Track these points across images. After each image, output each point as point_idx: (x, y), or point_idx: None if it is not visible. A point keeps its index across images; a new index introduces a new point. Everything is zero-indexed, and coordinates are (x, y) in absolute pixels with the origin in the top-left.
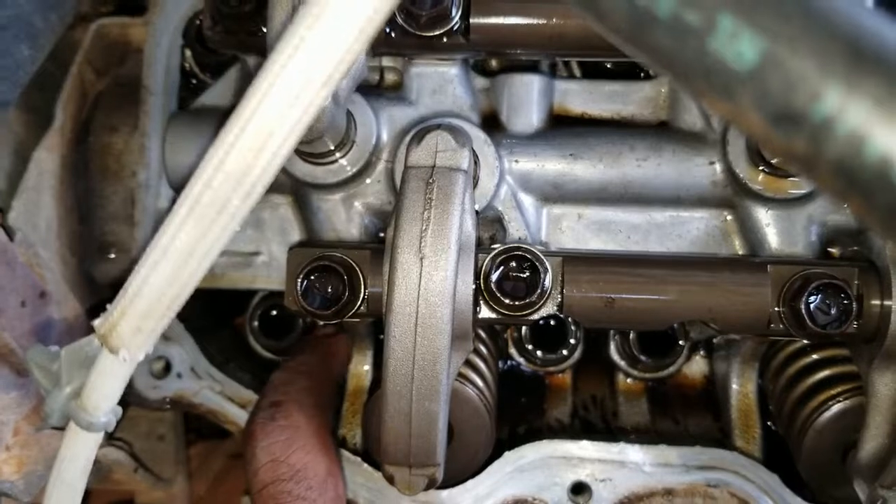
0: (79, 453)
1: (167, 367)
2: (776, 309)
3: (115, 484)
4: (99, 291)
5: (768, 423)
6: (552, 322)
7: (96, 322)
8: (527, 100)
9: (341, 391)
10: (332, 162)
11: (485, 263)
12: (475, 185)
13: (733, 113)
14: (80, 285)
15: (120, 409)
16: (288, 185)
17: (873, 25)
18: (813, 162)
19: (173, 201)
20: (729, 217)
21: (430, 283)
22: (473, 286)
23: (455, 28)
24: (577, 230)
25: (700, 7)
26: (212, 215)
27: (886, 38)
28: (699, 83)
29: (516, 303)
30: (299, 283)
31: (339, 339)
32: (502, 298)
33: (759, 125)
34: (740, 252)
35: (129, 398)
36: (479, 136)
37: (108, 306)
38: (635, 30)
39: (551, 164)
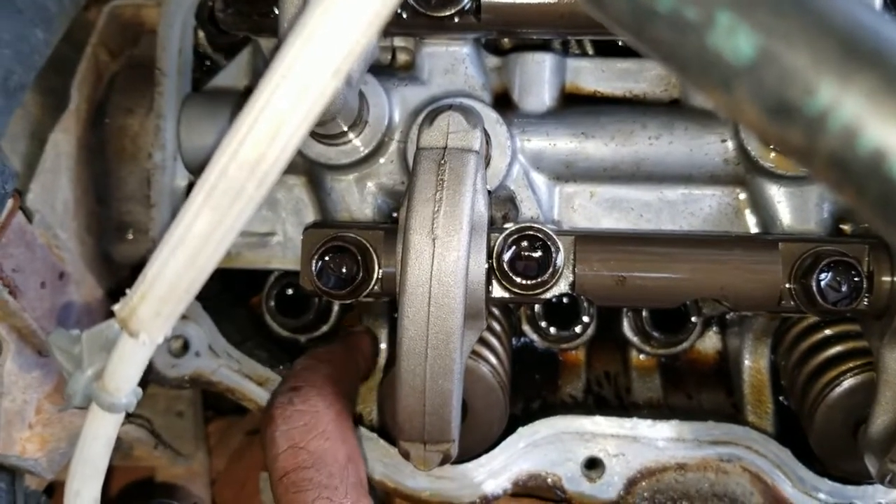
0: (101, 433)
1: (185, 346)
2: (787, 286)
3: (136, 461)
4: (117, 271)
5: (780, 398)
6: (565, 300)
7: (116, 306)
8: (538, 78)
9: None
10: (346, 143)
11: (497, 243)
12: (487, 164)
13: (731, 105)
14: (97, 265)
15: (140, 391)
16: (302, 166)
17: (868, 22)
18: (808, 154)
19: (189, 181)
20: (741, 194)
21: (443, 263)
22: (486, 266)
23: (466, 8)
24: (590, 209)
25: (699, 3)
26: (227, 203)
27: (880, 34)
28: (698, 76)
29: (528, 282)
30: (314, 264)
31: (365, 335)
32: (515, 278)
33: (755, 118)
34: (753, 229)
35: (149, 377)
36: (490, 116)
37: (127, 291)
38: (636, 23)
39: (563, 143)
